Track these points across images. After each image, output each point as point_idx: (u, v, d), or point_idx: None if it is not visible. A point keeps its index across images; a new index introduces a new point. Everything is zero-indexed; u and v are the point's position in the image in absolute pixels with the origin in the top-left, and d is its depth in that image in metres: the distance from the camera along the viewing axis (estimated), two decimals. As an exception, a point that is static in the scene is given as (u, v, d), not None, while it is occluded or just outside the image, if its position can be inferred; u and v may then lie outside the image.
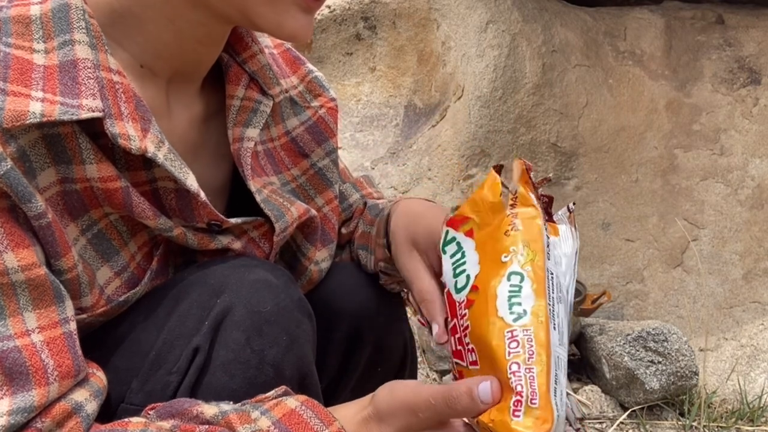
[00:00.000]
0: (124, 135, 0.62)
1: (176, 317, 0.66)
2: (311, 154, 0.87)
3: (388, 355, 0.90)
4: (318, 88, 0.90)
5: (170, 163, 0.66)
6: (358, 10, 2.21)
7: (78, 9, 0.63)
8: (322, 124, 0.88)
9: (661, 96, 2.12)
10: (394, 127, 2.28)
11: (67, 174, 0.62)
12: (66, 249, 0.61)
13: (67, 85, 0.60)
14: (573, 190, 2.14)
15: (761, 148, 2.11)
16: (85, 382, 0.61)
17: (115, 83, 0.63)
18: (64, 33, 0.62)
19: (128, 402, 0.65)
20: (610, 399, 1.87)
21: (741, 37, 2.12)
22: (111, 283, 0.68)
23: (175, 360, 0.64)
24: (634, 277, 2.13)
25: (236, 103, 0.77)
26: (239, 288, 0.67)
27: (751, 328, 2.09)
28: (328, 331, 0.87)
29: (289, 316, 0.68)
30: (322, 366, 0.86)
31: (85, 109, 0.60)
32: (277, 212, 0.78)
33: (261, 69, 0.79)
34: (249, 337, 0.64)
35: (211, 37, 0.71)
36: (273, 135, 0.85)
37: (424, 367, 1.98)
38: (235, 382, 0.63)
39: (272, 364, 0.65)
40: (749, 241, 2.11)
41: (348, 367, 0.88)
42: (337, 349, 0.87)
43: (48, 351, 0.57)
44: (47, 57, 0.61)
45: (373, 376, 0.90)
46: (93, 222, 0.66)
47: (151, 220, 0.67)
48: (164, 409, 0.60)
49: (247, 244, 0.77)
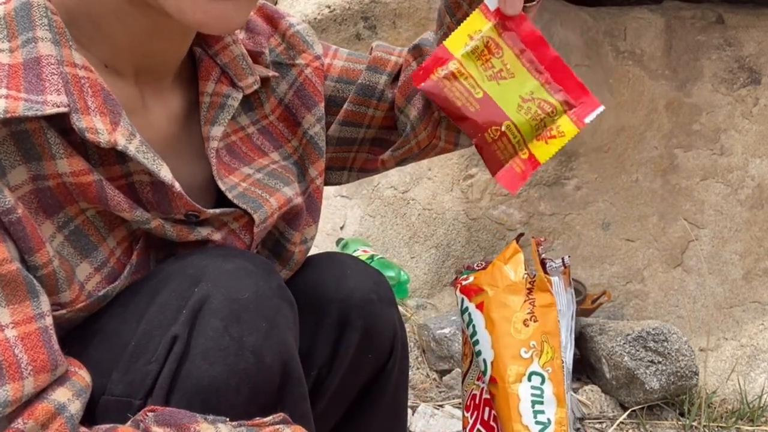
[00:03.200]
0: (92, 129, 0.62)
1: (155, 307, 0.66)
2: (302, 120, 0.86)
3: (378, 341, 0.90)
4: (301, 43, 0.88)
5: (142, 155, 0.66)
6: (358, 10, 2.21)
7: (40, 6, 0.63)
8: (310, 86, 0.87)
9: (661, 96, 2.12)
10: (394, 127, 2.28)
11: (39, 171, 0.62)
12: (39, 245, 0.61)
13: (32, 81, 0.60)
14: (573, 190, 2.14)
15: (761, 148, 2.11)
16: (66, 380, 0.60)
17: (81, 78, 0.63)
18: (27, 31, 0.62)
19: (109, 393, 0.65)
20: (610, 399, 1.87)
21: (741, 37, 2.12)
22: (92, 278, 0.68)
23: (154, 349, 0.64)
24: (634, 277, 2.12)
25: (206, 100, 0.76)
26: (217, 276, 0.67)
27: (751, 328, 2.09)
28: (318, 318, 0.87)
29: (268, 303, 0.67)
30: (312, 353, 0.86)
31: (49, 104, 0.60)
32: (254, 204, 0.78)
33: (233, 60, 0.78)
34: (227, 325, 0.64)
35: (161, 30, 0.69)
36: (267, 111, 0.84)
37: (424, 367, 1.98)
38: (215, 369, 0.63)
39: (252, 350, 0.64)
40: (749, 241, 2.11)
41: (338, 353, 0.88)
42: (327, 336, 0.87)
43: (22, 346, 0.57)
44: (12, 56, 0.61)
45: (363, 363, 0.90)
46: (69, 218, 0.66)
47: (127, 212, 0.67)
48: (164, 415, 0.59)
49: (228, 235, 0.77)
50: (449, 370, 1.92)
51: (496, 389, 0.66)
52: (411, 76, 0.68)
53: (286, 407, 0.69)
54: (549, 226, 2.13)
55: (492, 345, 0.69)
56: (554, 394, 0.63)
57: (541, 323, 0.67)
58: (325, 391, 0.88)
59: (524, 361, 0.65)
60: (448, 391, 1.88)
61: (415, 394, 1.86)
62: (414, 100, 0.87)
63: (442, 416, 1.74)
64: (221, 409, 0.63)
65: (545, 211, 2.13)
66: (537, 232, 2.13)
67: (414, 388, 1.88)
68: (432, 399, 1.85)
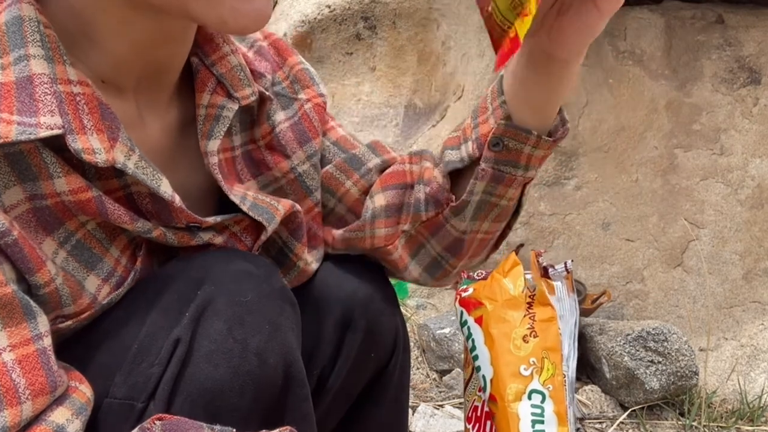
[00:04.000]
0: (88, 149, 0.60)
1: (158, 310, 0.66)
2: (292, 156, 0.84)
3: (381, 341, 0.90)
4: (307, 79, 0.87)
5: (141, 171, 0.65)
6: (358, 9, 2.21)
7: (32, 21, 0.61)
8: (307, 121, 0.86)
9: (661, 96, 2.12)
10: (394, 127, 2.28)
11: (36, 191, 0.61)
12: (40, 264, 0.60)
13: (24, 102, 0.58)
14: (573, 190, 2.14)
15: (761, 148, 2.11)
16: (65, 399, 0.60)
17: (76, 95, 0.61)
18: (19, 48, 0.60)
19: (111, 396, 0.64)
20: (610, 399, 1.87)
21: (741, 37, 2.12)
22: (102, 290, 0.68)
23: (157, 352, 0.64)
24: (634, 277, 2.13)
25: (202, 113, 0.74)
26: (220, 279, 0.66)
27: (751, 328, 2.09)
28: (320, 319, 0.87)
29: (271, 305, 0.67)
30: (314, 353, 0.86)
31: (43, 127, 0.58)
32: (268, 215, 0.77)
33: (230, 71, 0.76)
34: (231, 327, 0.64)
35: (165, 36, 0.67)
36: (257, 136, 0.83)
37: (424, 367, 1.98)
38: (219, 372, 0.63)
39: (256, 352, 0.64)
40: (749, 241, 2.11)
41: (341, 353, 0.87)
42: (330, 337, 0.87)
43: (20, 370, 0.56)
44: (3, 73, 0.59)
45: (366, 362, 0.89)
46: (70, 233, 0.65)
47: (128, 224, 0.66)
48: (171, 424, 0.58)
49: (229, 238, 0.76)
50: (449, 370, 1.93)
51: (496, 407, 0.65)
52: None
53: (289, 409, 0.69)
54: (549, 226, 2.13)
55: (491, 361, 0.67)
56: (555, 412, 0.62)
57: (542, 339, 0.65)
58: (328, 391, 0.88)
59: (524, 379, 0.64)
60: (448, 391, 1.88)
61: (415, 394, 1.86)
62: (388, 193, 0.87)
63: (442, 416, 1.74)
64: (225, 411, 0.63)
65: (545, 211, 2.13)
66: (537, 232, 2.13)
67: (414, 388, 1.89)
68: (432, 399, 1.85)
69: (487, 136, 0.78)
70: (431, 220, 0.86)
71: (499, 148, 0.78)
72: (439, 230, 0.86)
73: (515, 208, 0.85)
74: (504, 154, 0.78)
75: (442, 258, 0.89)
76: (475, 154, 0.80)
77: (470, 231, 0.84)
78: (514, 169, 0.79)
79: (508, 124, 0.77)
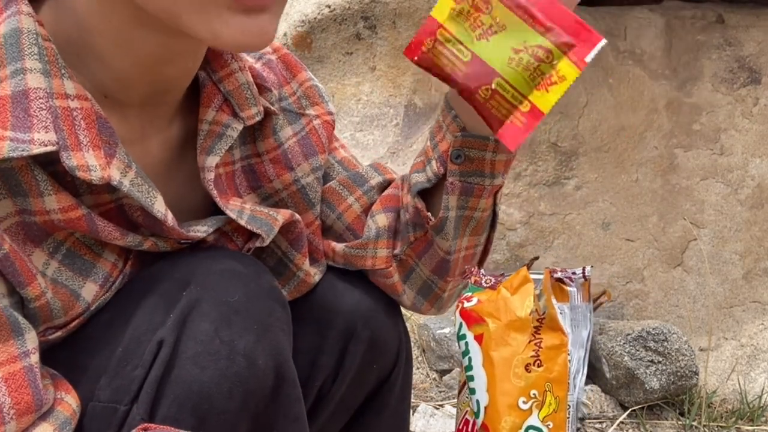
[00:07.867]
0: (83, 166, 0.59)
1: (143, 312, 0.65)
2: (296, 168, 0.84)
3: (383, 352, 0.90)
4: (317, 96, 0.87)
5: (137, 188, 0.64)
6: (358, 9, 2.21)
7: (30, 33, 0.59)
8: (314, 136, 0.85)
9: (661, 96, 2.12)
10: (395, 127, 2.28)
11: (25, 206, 0.60)
12: (30, 278, 0.60)
13: (19, 117, 0.57)
14: (573, 190, 2.13)
15: (761, 147, 2.11)
16: (49, 415, 0.59)
17: (73, 110, 0.60)
18: (16, 61, 0.58)
19: (96, 399, 0.64)
20: (610, 399, 1.87)
21: (741, 37, 2.12)
22: (100, 298, 0.67)
23: (141, 354, 0.63)
24: (634, 277, 2.12)
25: (204, 128, 0.73)
26: (206, 279, 0.65)
27: (751, 328, 2.09)
28: (323, 330, 0.86)
29: (259, 305, 0.66)
30: (317, 364, 0.86)
31: (36, 143, 0.57)
32: (267, 227, 0.77)
33: (237, 89, 0.75)
34: (217, 328, 0.63)
35: (174, 55, 0.66)
36: (260, 150, 0.82)
37: (424, 367, 1.98)
38: (206, 375, 0.62)
39: (244, 354, 0.63)
40: (749, 241, 2.11)
41: (343, 364, 0.87)
42: (333, 348, 0.86)
43: (5, 388, 0.55)
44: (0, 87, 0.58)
45: (368, 373, 0.89)
46: (59, 243, 0.64)
47: (119, 240, 0.66)
48: None
49: (220, 237, 0.76)
50: (449, 370, 1.93)
51: None
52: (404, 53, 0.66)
53: (280, 410, 0.69)
54: (549, 226, 2.13)
55: (487, 388, 0.62)
56: None
57: (547, 369, 0.60)
58: (329, 401, 0.88)
59: (522, 413, 0.59)
60: (448, 391, 1.88)
61: (415, 393, 1.86)
62: (389, 215, 0.87)
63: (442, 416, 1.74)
64: (213, 414, 0.62)
65: (545, 210, 2.13)
66: (537, 231, 2.13)
67: (414, 387, 1.89)
68: (432, 399, 1.85)
69: (447, 152, 0.79)
70: (419, 241, 0.86)
71: (461, 159, 0.78)
72: (426, 251, 0.87)
73: (491, 220, 0.86)
74: (467, 165, 0.78)
75: (431, 282, 0.89)
76: (440, 171, 0.80)
77: (453, 251, 0.84)
78: (480, 179, 0.79)
79: (465, 134, 0.78)
